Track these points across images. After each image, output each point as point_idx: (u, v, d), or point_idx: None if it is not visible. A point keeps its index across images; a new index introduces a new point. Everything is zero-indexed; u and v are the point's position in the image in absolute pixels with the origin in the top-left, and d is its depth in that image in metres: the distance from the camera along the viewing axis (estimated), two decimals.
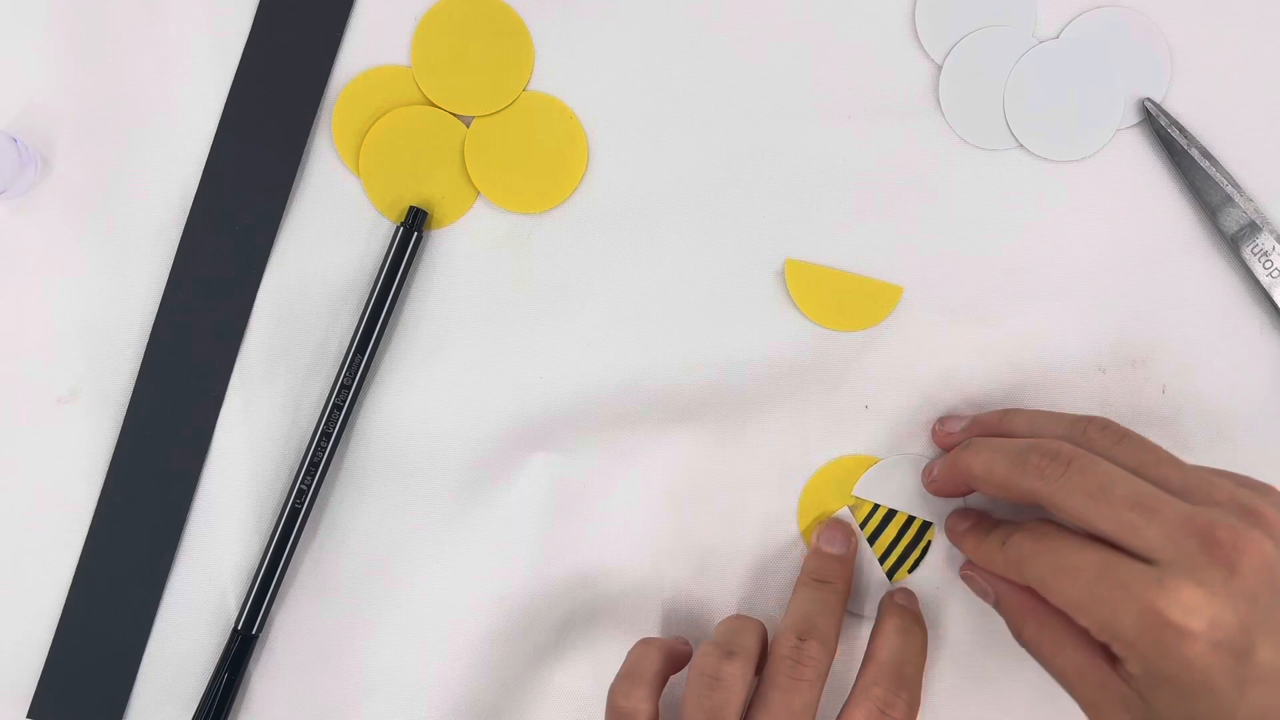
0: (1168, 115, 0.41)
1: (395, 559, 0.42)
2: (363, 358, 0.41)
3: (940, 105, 0.42)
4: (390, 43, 0.42)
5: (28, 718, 0.42)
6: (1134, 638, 0.32)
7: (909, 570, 0.42)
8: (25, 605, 0.42)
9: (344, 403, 0.41)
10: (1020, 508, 0.40)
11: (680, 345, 0.42)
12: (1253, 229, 0.41)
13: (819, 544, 0.41)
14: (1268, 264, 0.41)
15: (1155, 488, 0.33)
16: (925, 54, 0.42)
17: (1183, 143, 0.41)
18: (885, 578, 0.42)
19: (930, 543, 0.41)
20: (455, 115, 0.42)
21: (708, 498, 0.42)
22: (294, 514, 0.41)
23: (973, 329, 0.42)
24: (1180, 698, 0.32)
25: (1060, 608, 0.34)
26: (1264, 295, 0.41)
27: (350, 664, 0.42)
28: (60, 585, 0.42)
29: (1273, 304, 0.41)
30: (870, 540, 0.42)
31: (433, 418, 0.42)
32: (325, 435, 0.41)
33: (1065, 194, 0.42)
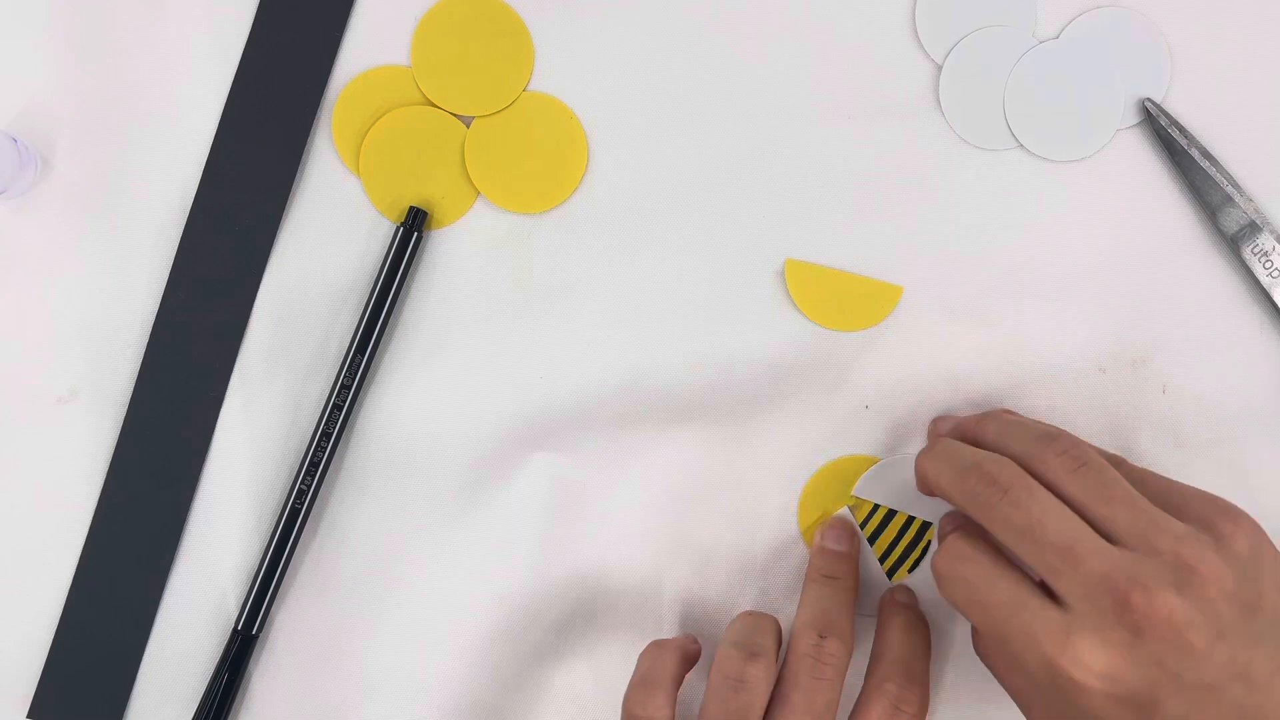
0: (1168, 115, 0.41)
1: (395, 559, 0.42)
2: (363, 358, 0.41)
3: (940, 105, 0.42)
4: (390, 43, 0.42)
5: (28, 718, 0.42)
6: (1037, 680, 0.33)
7: (909, 570, 0.42)
8: (25, 605, 0.42)
9: (344, 403, 0.41)
10: None
11: (680, 345, 0.42)
12: (1253, 229, 0.41)
13: (823, 542, 0.41)
14: (1268, 264, 0.41)
15: (1087, 531, 0.33)
16: (925, 54, 0.42)
17: (1183, 143, 0.41)
18: (885, 578, 0.42)
19: (930, 543, 0.41)
20: (455, 115, 0.42)
21: (708, 498, 0.42)
22: (294, 514, 0.41)
23: (973, 329, 0.42)
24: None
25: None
26: (1264, 295, 0.41)
27: (350, 664, 0.42)
28: (60, 585, 0.42)
29: (1273, 304, 0.41)
30: (870, 540, 0.42)
31: (433, 418, 0.42)
32: (325, 435, 0.41)
33: (1065, 194, 0.42)
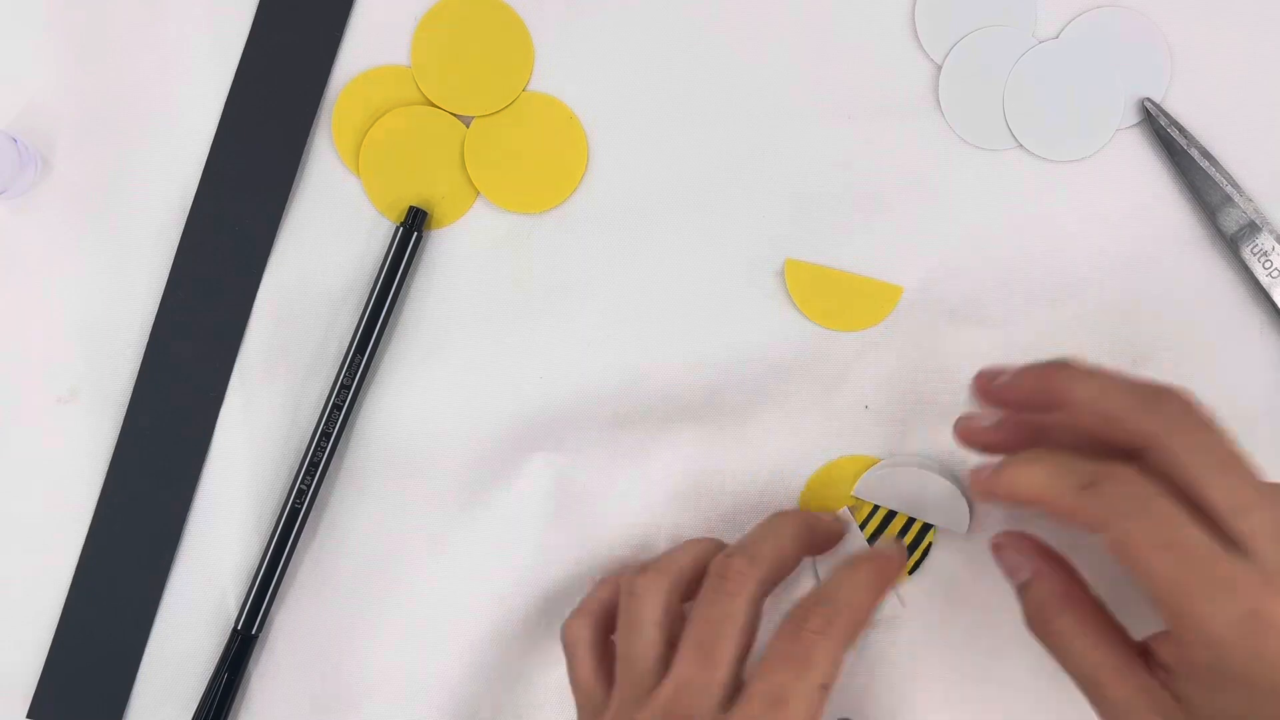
0: (1168, 115, 0.41)
1: (395, 559, 0.42)
2: (362, 358, 0.41)
3: (940, 105, 0.42)
4: (390, 43, 0.42)
5: (28, 718, 0.42)
6: (1226, 637, 0.30)
7: (909, 571, 0.42)
8: (25, 605, 0.42)
9: (344, 403, 0.41)
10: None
11: (680, 345, 0.42)
12: (1253, 229, 0.41)
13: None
14: (1268, 264, 0.41)
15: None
16: (925, 54, 0.42)
17: (1183, 143, 0.41)
18: None
19: (930, 544, 0.41)
20: (455, 115, 0.42)
21: (708, 497, 0.42)
22: (294, 514, 0.41)
23: (973, 329, 0.42)
24: (1251, 699, 0.30)
25: (1138, 584, 0.31)
26: (1264, 295, 0.41)
27: (350, 664, 0.42)
28: (60, 585, 0.42)
29: (1273, 304, 0.41)
30: (870, 541, 0.41)
31: (433, 418, 0.42)
32: (325, 435, 0.41)
33: (1065, 194, 0.42)
